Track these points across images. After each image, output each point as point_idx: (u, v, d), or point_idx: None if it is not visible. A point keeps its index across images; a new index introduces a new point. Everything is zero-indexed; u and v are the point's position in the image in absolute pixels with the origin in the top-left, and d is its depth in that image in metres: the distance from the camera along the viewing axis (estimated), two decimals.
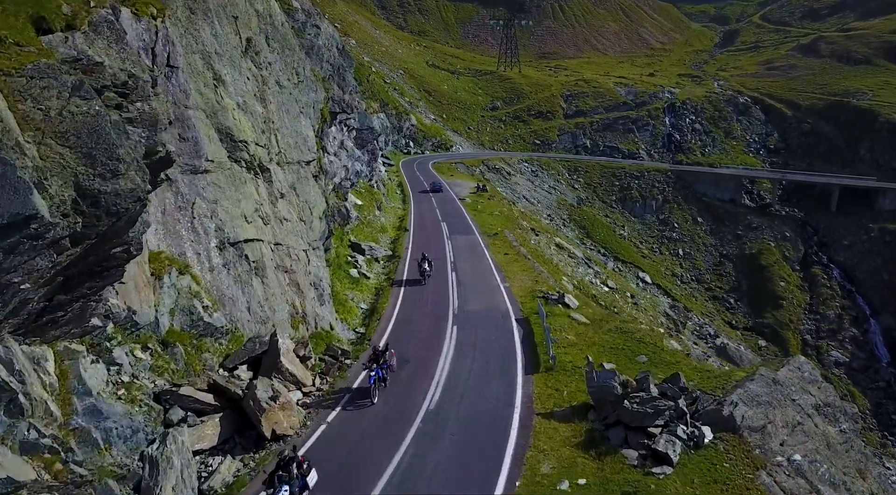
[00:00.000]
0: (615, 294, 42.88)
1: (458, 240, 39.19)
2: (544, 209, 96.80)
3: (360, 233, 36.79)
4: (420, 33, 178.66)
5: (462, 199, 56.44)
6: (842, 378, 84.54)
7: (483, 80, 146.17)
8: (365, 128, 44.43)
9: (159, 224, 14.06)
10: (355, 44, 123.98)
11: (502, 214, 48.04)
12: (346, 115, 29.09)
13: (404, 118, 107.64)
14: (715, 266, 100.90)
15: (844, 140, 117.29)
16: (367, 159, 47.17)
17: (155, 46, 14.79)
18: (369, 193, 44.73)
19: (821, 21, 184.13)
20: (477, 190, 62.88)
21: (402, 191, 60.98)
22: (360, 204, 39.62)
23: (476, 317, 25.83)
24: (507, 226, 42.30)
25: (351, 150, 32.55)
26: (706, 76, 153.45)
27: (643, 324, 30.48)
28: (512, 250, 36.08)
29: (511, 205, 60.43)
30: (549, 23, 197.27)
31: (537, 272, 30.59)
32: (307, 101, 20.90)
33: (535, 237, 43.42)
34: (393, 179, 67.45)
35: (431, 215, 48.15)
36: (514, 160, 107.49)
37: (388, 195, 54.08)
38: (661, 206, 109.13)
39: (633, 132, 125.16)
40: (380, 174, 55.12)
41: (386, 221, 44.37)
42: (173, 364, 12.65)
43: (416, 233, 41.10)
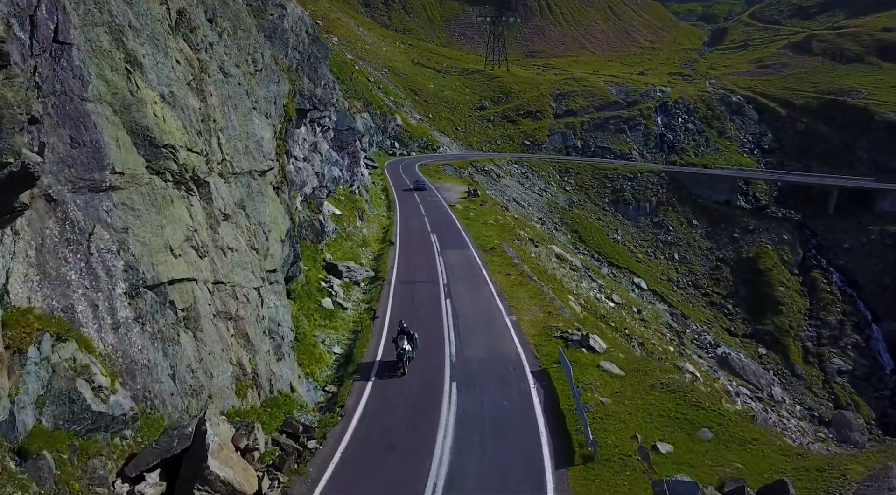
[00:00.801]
0: (622, 310, 38.92)
1: (451, 257, 34.60)
2: (535, 212, 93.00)
3: (337, 249, 32.03)
4: (405, 31, 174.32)
5: (452, 206, 52.35)
6: (845, 387, 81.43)
7: (470, 78, 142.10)
8: (345, 128, 40.00)
9: (31, 267, 9.73)
10: (337, 41, 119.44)
11: (497, 223, 43.99)
12: (320, 113, 24.77)
13: (389, 118, 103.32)
14: (712, 270, 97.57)
15: (841, 140, 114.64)
16: (348, 163, 42.67)
17: (35, 13, 10.42)
18: (350, 201, 40.31)
19: (810, 19, 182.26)
20: (468, 194, 58.71)
21: (386, 197, 56.44)
22: (338, 214, 35.07)
23: (481, 371, 20.60)
24: (504, 237, 38.16)
25: (327, 154, 28.27)
26: (697, 75, 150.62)
27: (688, 373, 26.42)
28: (514, 269, 31.52)
29: (504, 210, 56.31)
30: (537, 21, 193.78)
31: (547, 299, 26.03)
32: (265, 95, 16.58)
33: (534, 249, 39.32)
34: (377, 184, 62.98)
35: (419, 225, 43.71)
36: (503, 161, 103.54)
37: (371, 202, 49.58)
38: (655, 209, 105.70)
39: (625, 132, 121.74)
40: (362, 179, 50.75)
41: (369, 233, 40.13)
42: (35, 485, 8.35)
43: (403, 247, 36.16)
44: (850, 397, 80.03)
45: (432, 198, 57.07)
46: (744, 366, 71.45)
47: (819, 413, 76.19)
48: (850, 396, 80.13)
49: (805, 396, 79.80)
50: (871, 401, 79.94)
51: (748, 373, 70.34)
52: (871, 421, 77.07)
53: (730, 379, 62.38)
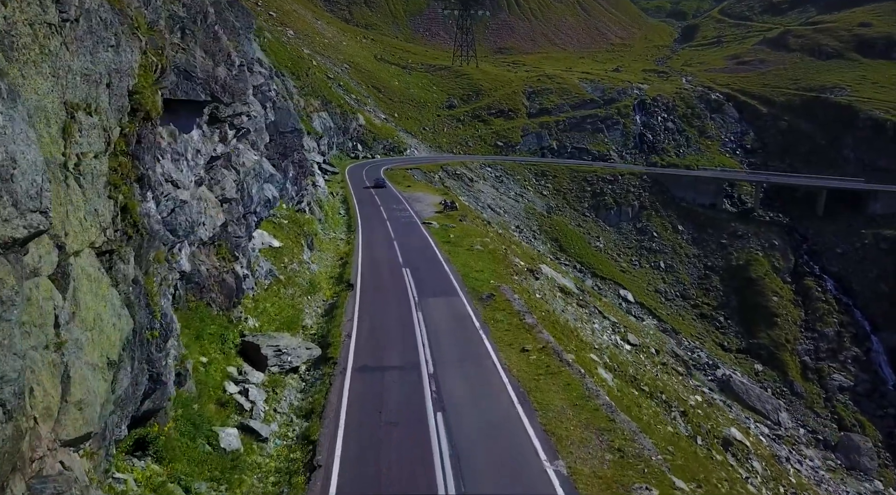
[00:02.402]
0: (640, 354, 31.26)
1: (435, 312, 24.52)
2: (512, 219, 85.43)
3: (269, 306, 21.96)
4: (367, 26, 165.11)
5: (427, 223, 43.43)
6: (847, 405, 75.83)
7: (438, 75, 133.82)
8: (289, 130, 31.26)
9: None
10: (293, 34, 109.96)
11: (485, 248, 35.35)
12: (233, 110, 16.25)
13: (351, 117, 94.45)
14: (700, 279, 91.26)
15: (826, 138, 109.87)
16: (294, 175, 33.64)
17: None
18: (295, 225, 31.49)
19: (782, 15, 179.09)
20: (444, 207, 50.17)
21: (346, 212, 47.27)
22: (277, 246, 26.16)
23: None
24: (498, 272, 29.85)
25: (253, 169, 19.85)
26: (672, 72, 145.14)
27: (735, 440, 18.47)
28: (529, 336, 21.20)
29: (486, 225, 48.15)
30: (505, 16, 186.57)
31: (600, 406, 16.03)
32: (84, 67, 8.57)
33: (535, 283, 31.22)
34: (336, 195, 54.10)
35: (388, 254, 34.13)
36: (475, 164, 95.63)
37: (326, 221, 40.72)
38: (638, 213, 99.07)
39: (603, 132, 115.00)
40: (316, 192, 42.02)
41: (320, 269, 30.50)
42: None
43: (366, 293, 26.60)
44: (854, 417, 74.45)
45: (402, 214, 47.72)
46: (747, 389, 64.90)
47: (824, 436, 70.34)
48: (853, 416, 74.55)
49: (807, 417, 73.91)
50: (875, 420, 74.57)
51: (752, 398, 63.81)
52: (878, 443, 71.50)
53: (738, 410, 55.61)
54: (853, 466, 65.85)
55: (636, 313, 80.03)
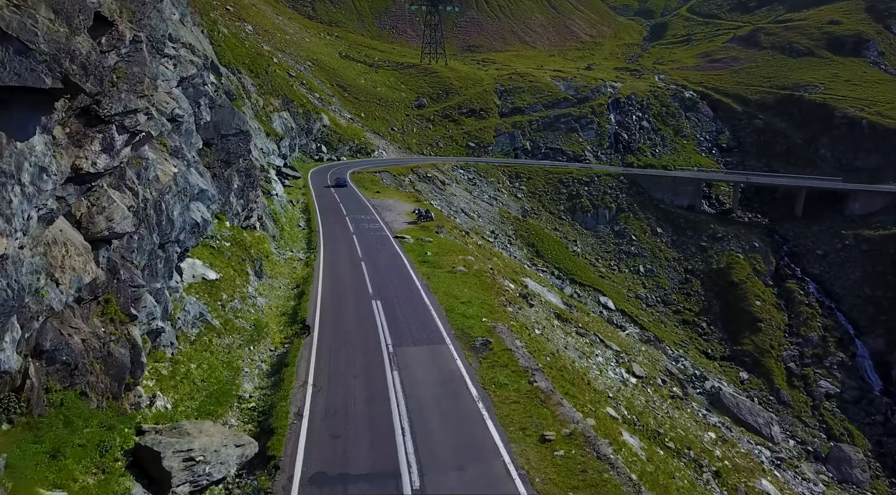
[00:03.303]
0: (648, 387, 27.07)
1: (416, 371, 18.96)
2: (486, 224, 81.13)
3: (190, 372, 16.49)
4: (331, 23, 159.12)
5: (400, 238, 37.90)
6: (835, 413, 73.35)
7: (405, 73, 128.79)
8: (232, 132, 25.91)
9: None
10: (252, 30, 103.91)
11: (469, 268, 30.42)
12: (123, 105, 11.13)
13: (314, 118, 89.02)
14: (681, 284, 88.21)
15: (802, 137, 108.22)
16: (239, 186, 27.98)
17: None
18: (240, 248, 25.98)
19: (751, 13, 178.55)
20: (417, 218, 44.93)
21: (308, 224, 41.82)
22: (213, 279, 21.09)
23: None
24: (487, 302, 25.10)
25: (180, 184, 14.97)
26: (645, 70, 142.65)
27: None
28: (547, 411, 15.72)
29: (465, 235, 43.38)
30: (473, 14, 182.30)
31: None
32: None
33: (530, 311, 26.52)
34: (296, 203, 48.76)
35: (354, 280, 28.65)
36: (447, 166, 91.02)
37: (282, 236, 35.31)
38: (615, 216, 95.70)
39: (577, 131, 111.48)
40: (271, 203, 36.73)
41: (269, 304, 24.60)
42: None
43: (326, 340, 21.14)
44: (842, 425, 71.97)
45: (371, 226, 42.11)
46: (737, 402, 61.51)
47: (814, 447, 67.59)
48: (842, 424, 72.06)
49: (795, 427, 71.19)
50: (863, 429, 72.25)
51: (743, 412, 60.44)
52: (867, 453, 69.18)
53: (728, 427, 52.12)
54: (845, 478, 63.38)
55: (617, 321, 76.45)
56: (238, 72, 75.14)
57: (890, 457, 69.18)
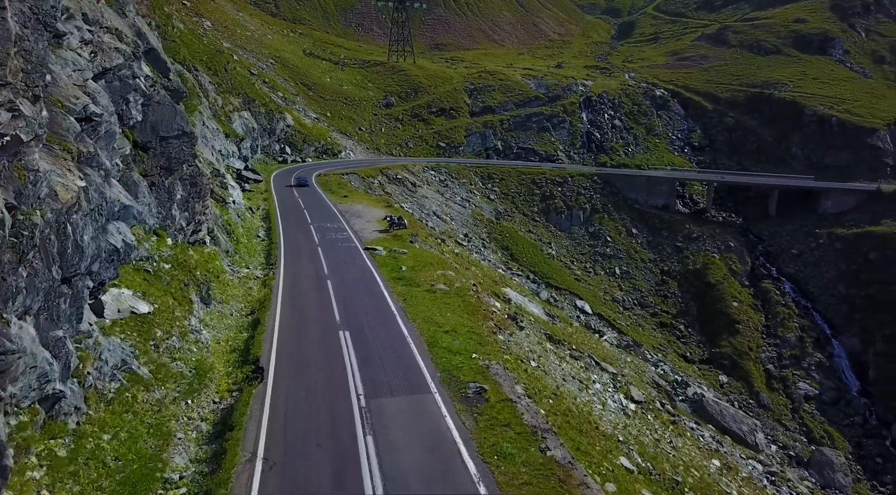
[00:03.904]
0: (648, 414, 24.45)
1: (395, 435, 15.25)
2: (459, 227, 78.29)
3: (99, 447, 12.78)
4: (295, 20, 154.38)
5: (371, 249, 33.95)
6: (814, 415, 72.42)
7: (373, 71, 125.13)
8: (174, 134, 22.21)
9: None
10: (210, 26, 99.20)
11: (450, 285, 26.85)
12: None
13: (277, 117, 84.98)
14: (657, 286, 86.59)
15: (772, 135, 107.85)
16: (183, 196, 24.08)
17: None
18: (182, 270, 22.12)
19: (717, 12, 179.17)
20: (389, 225, 41.28)
21: (268, 234, 38.02)
22: (146, 312, 17.52)
23: None
24: (475, 329, 21.90)
25: (94, 201, 11.62)
26: (614, 68, 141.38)
27: None
28: None
29: (440, 243, 40.08)
30: (441, 11, 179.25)
31: None
32: None
33: (521, 335, 23.42)
34: (256, 210, 45.02)
35: (319, 304, 24.77)
36: (417, 167, 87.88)
37: (238, 250, 31.48)
38: (590, 217, 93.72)
39: (549, 131, 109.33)
40: (225, 212, 33.07)
41: (216, 337, 20.80)
42: None
43: (281, 392, 17.18)
44: (822, 428, 71.06)
45: (338, 235, 38.23)
46: (721, 409, 59.72)
47: (796, 452, 66.51)
48: (822, 427, 71.17)
49: (776, 431, 70.05)
50: (843, 430, 71.45)
51: (727, 419, 58.66)
52: (848, 456, 68.27)
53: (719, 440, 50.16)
54: (828, 484, 62.34)
55: (595, 326, 74.38)
56: (195, 69, 70.91)
57: (870, 460, 68.41)
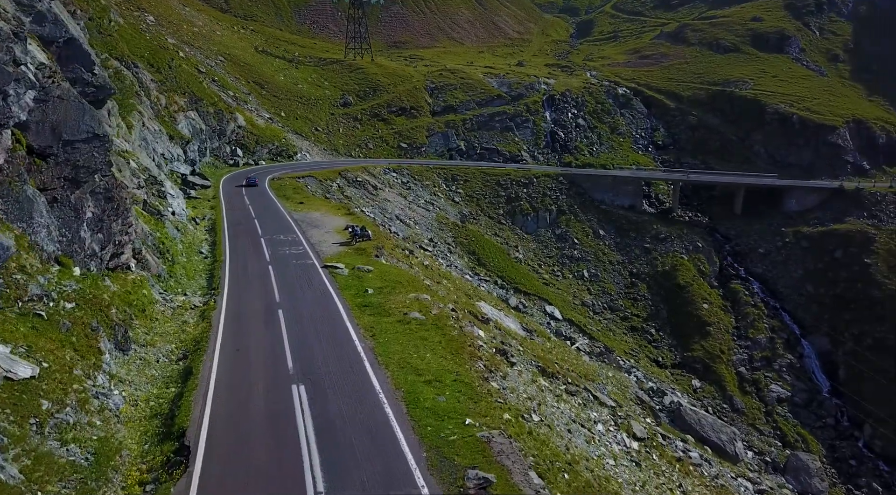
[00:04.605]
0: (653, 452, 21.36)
1: None
2: (424, 231, 74.74)
3: None
4: (246, 16, 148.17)
5: (331, 268, 29.53)
6: (787, 418, 71.39)
7: (329, 69, 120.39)
8: (81, 137, 17.90)
9: None
10: (154, 21, 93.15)
11: (426, 313, 22.82)
12: None
13: (228, 118, 79.88)
14: (627, 288, 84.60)
15: (735, 134, 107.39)
16: (94, 215, 19.32)
17: None
18: (90, 311, 17.49)
19: (673, 11, 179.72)
20: (352, 237, 36.96)
21: (213, 249, 33.55)
22: (25, 378, 12.52)
23: None
24: (462, 375, 18.10)
25: None
26: (575, 66, 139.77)
27: None
28: None
29: (408, 256, 36.11)
30: (398, 9, 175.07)
31: None
32: None
33: (513, 372, 19.78)
34: (200, 221, 40.43)
35: (267, 346, 20.53)
36: (378, 169, 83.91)
37: (174, 272, 26.83)
38: (556, 219, 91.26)
39: (513, 130, 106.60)
40: (161, 227, 28.68)
41: (133, 398, 16.48)
42: None
43: (211, 491, 12.75)
44: (796, 431, 70.01)
45: (293, 250, 33.77)
46: (699, 418, 57.54)
47: (772, 457, 65.12)
48: (795, 430, 70.11)
49: (751, 436, 68.64)
50: (816, 433, 70.61)
51: (706, 428, 56.45)
52: (822, 459, 67.19)
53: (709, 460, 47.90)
54: (805, 489, 61.06)
55: (566, 332, 71.84)
56: (135, 66, 65.54)
57: (844, 463, 67.60)
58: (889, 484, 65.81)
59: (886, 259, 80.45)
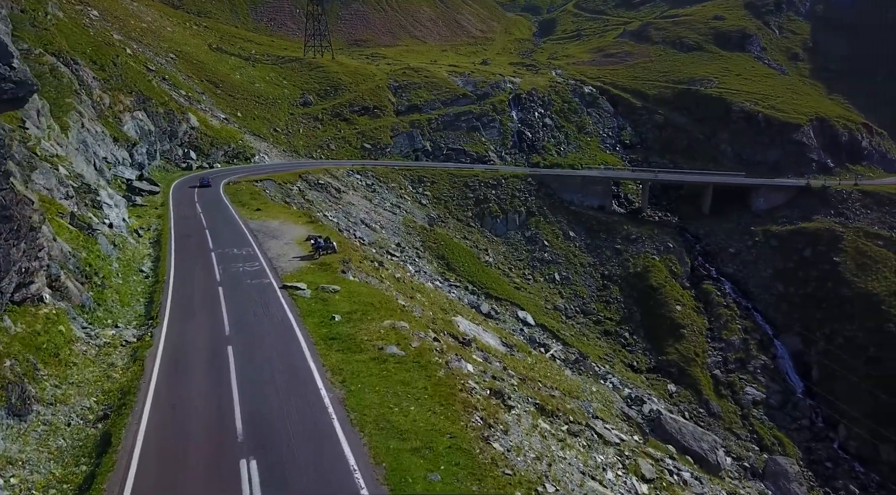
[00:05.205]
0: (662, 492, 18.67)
1: None
2: (391, 236, 71.53)
3: None
4: (199, 13, 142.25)
5: (291, 288, 25.91)
6: (764, 421, 70.42)
7: (288, 68, 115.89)
8: None
9: None
10: (98, 16, 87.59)
11: (404, 344, 19.53)
12: None
13: (179, 118, 75.28)
14: (599, 291, 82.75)
15: (702, 132, 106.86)
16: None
17: None
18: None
19: (635, 10, 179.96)
20: (315, 249, 32.81)
21: (155, 267, 29.53)
22: None
23: None
24: (457, 439, 14.30)
25: None
26: (540, 65, 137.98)
27: None
28: None
29: (378, 268, 32.71)
30: (358, 6, 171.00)
31: None
32: None
33: (509, 417, 16.38)
34: (145, 232, 36.42)
35: (211, 401, 16.67)
36: (341, 171, 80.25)
37: (101, 303, 22.07)
38: (526, 221, 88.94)
39: (479, 130, 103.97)
40: (86, 247, 24.85)
41: (23, 486, 12.01)
42: None
43: None
44: (772, 434, 69.04)
45: (248, 266, 29.77)
46: (680, 427, 55.55)
47: (750, 463, 63.93)
48: (772, 433, 69.14)
49: (729, 440, 67.30)
50: (792, 435, 69.77)
51: (687, 437, 54.51)
52: (799, 462, 66.28)
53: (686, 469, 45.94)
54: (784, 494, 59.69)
55: (539, 338, 69.38)
56: (74, 62, 60.65)
57: (820, 465, 66.83)
58: (865, 485, 65.31)
59: (854, 257, 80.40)
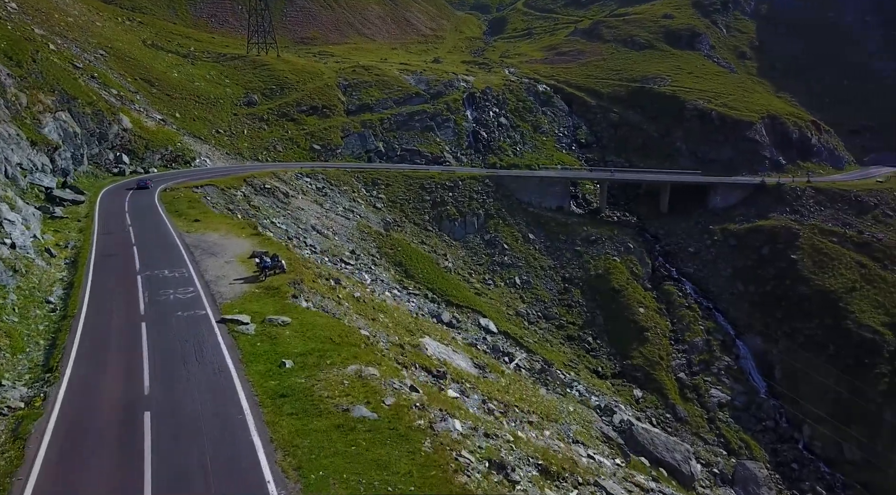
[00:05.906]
0: None
1: None
2: (345, 242, 67.55)
3: None
4: (133, 8, 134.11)
5: (231, 323, 21.60)
6: (730, 423, 69.49)
7: (230, 66, 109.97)
8: None
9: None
10: (16, 8, 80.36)
11: (374, 399, 15.25)
12: None
13: (110, 120, 69.35)
14: (560, 295, 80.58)
15: (657, 130, 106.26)
16: None
17: None
18: None
19: (584, 9, 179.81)
20: (260, 270, 28.21)
21: (66, 296, 24.38)
22: None
23: None
24: None
25: None
26: (492, 63, 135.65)
27: None
28: None
29: (335, 286, 28.57)
30: (304, 3, 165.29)
31: None
32: None
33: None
34: (60, 251, 31.56)
35: (119, 490, 11.91)
36: (289, 174, 75.63)
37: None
38: (484, 223, 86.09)
39: (434, 130, 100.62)
40: None
41: None
42: None
43: None
44: (738, 437, 68.15)
45: (180, 293, 25.16)
46: (652, 438, 53.58)
47: (719, 468, 62.67)
48: (738, 436, 68.24)
49: (696, 445, 65.78)
50: (758, 437, 69.08)
51: (659, 448, 52.59)
52: (767, 465, 65.46)
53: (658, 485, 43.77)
54: None
55: (503, 347, 66.55)
56: None
57: (787, 467, 66.19)
58: (832, 485, 64.98)
59: (811, 255, 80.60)
